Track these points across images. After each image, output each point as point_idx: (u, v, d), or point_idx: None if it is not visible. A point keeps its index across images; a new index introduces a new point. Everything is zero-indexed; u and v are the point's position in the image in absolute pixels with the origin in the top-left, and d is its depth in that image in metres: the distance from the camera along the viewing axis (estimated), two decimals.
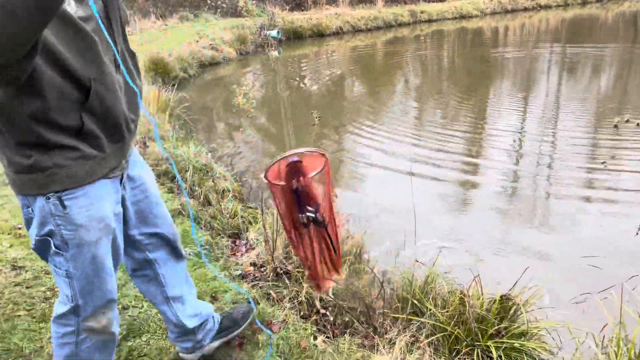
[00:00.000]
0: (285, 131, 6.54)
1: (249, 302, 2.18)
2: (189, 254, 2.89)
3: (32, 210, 1.38)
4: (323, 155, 2.03)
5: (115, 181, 1.50)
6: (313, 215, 1.98)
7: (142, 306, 2.37)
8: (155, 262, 1.78)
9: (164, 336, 2.17)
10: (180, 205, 3.56)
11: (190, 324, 1.91)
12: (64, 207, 1.35)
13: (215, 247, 3.11)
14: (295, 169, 1.97)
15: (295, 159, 1.98)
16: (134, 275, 1.79)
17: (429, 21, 17.79)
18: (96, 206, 1.41)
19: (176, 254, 1.83)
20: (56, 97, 1.26)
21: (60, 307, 1.51)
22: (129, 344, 2.12)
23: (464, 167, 5.06)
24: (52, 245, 1.39)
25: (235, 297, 2.52)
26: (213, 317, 2.03)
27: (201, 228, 3.33)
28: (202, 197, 3.87)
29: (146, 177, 1.69)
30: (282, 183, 1.96)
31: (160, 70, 8.25)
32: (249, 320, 2.15)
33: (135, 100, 1.51)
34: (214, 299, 2.49)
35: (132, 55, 1.53)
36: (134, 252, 1.73)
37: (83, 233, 1.40)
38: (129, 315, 2.29)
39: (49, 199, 1.34)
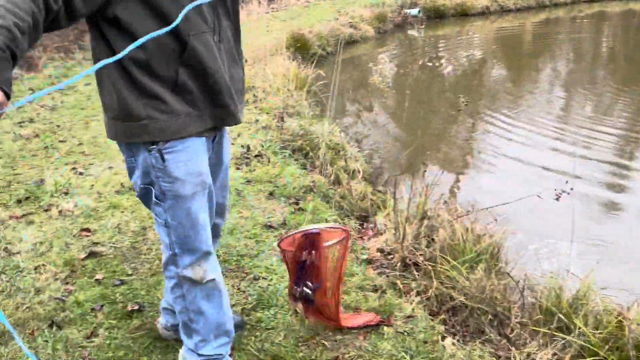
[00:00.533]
0: (419, 114, 6.32)
1: (243, 320, 2.10)
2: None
3: (134, 160, 1.47)
4: (345, 231, 2.01)
5: (209, 141, 1.56)
6: (309, 292, 1.97)
7: (272, 279, 2.42)
8: None
9: (289, 312, 2.18)
10: (312, 182, 3.58)
11: None
12: (164, 160, 1.42)
13: None
14: (310, 241, 1.96)
15: (315, 230, 1.97)
16: None
17: (590, 1, 15.94)
18: (194, 161, 1.47)
19: (215, 232, 1.82)
20: (154, 46, 1.32)
21: (163, 257, 1.60)
22: (258, 314, 2.16)
23: (615, 170, 4.47)
24: (153, 195, 1.47)
25: (362, 282, 2.46)
26: None
27: (330, 207, 3.32)
28: (332, 175, 3.86)
29: (224, 144, 1.71)
30: (292, 249, 1.95)
31: (299, 46, 8.40)
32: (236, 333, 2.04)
33: (239, 80, 1.55)
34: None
35: (237, 31, 1.56)
36: None
37: (179, 186, 1.45)
38: (259, 286, 2.35)
39: (151, 151, 1.42)
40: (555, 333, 2.09)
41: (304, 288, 1.99)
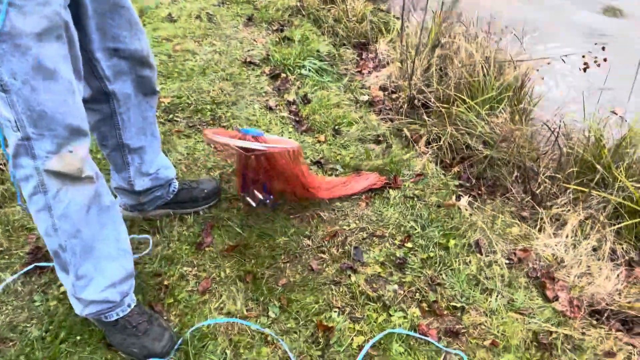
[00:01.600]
0: None
1: (217, 182, 1.71)
2: (308, 70, 2.40)
3: None
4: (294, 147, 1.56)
5: None
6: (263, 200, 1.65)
7: None
8: (114, 97, 1.30)
9: None
10: (300, 1, 2.95)
11: (139, 185, 1.50)
12: None
13: (339, 61, 2.57)
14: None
15: (258, 133, 1.55)
16: (86, 107, 1.15)
17: None
18: None
19: (144, 87, 1.35)
20: None
21: (10, 147, 1.07)
22: None
23: None
24: None
25: (363, 133, 2.07)
26: (170, 183, 1.60)
27: (322, 34, 2.76)
28: None
29: None
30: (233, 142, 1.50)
31: None
32: (210, 204, 1.68)
33: None
34: (336, 132, 2.06)
35: None
36: (91, 79, 1.25)
37: (16, 17, 0.93)
38: None
39: None
40: (593, 191, 1.77)
41: (255, 193, 1.63)
